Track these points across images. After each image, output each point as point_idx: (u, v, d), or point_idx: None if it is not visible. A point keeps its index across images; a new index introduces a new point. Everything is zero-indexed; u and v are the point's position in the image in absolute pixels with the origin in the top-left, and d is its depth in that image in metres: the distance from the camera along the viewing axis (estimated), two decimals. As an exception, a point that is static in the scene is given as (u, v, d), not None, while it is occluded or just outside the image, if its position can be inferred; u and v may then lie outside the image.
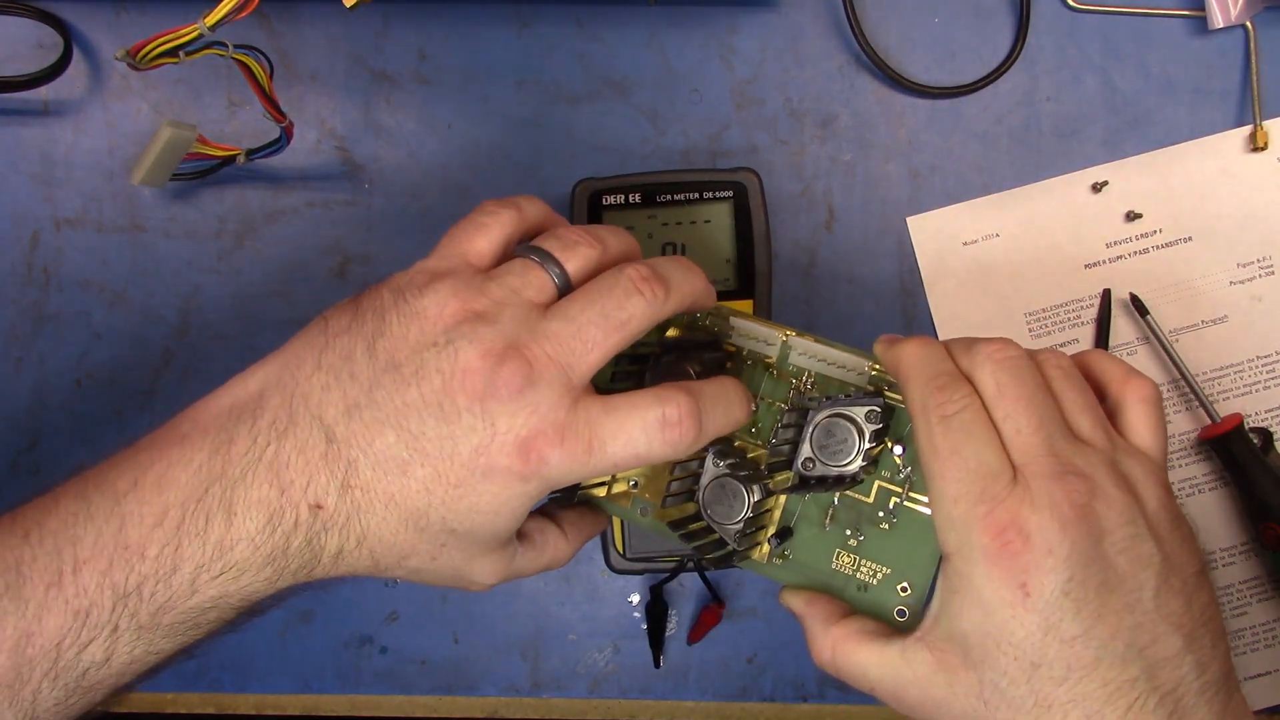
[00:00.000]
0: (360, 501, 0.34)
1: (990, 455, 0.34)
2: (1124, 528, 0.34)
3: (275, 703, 0.56)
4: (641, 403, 0.34)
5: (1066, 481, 0.34)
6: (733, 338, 0.42)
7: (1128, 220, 0.55)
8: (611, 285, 0.35)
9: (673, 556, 0.51)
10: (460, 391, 0.33)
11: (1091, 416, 0.36)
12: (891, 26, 0.55)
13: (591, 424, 0.33)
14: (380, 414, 0.33)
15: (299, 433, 0.34)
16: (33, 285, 0.55)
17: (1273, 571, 0.54)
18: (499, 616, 0.56)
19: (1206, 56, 0.55)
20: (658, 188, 0.50)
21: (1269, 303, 0.55)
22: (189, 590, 0.34)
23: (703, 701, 0.56)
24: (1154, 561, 0.34)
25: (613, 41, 0.55)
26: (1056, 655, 0.33)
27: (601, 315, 0.34)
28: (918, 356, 0.37)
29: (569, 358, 0.34)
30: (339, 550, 0.35)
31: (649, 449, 0.34)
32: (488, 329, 0.34)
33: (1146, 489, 0.35)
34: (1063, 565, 0.33)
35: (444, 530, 0.35)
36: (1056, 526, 0.33)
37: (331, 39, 0.55)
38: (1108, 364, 0.39)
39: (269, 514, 0.33)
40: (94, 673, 0.34)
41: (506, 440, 0.33)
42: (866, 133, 0.55)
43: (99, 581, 0.33)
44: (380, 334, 0.34)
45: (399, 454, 0.33)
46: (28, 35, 0.54)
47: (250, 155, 0.52)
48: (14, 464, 0.55)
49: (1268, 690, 0.54)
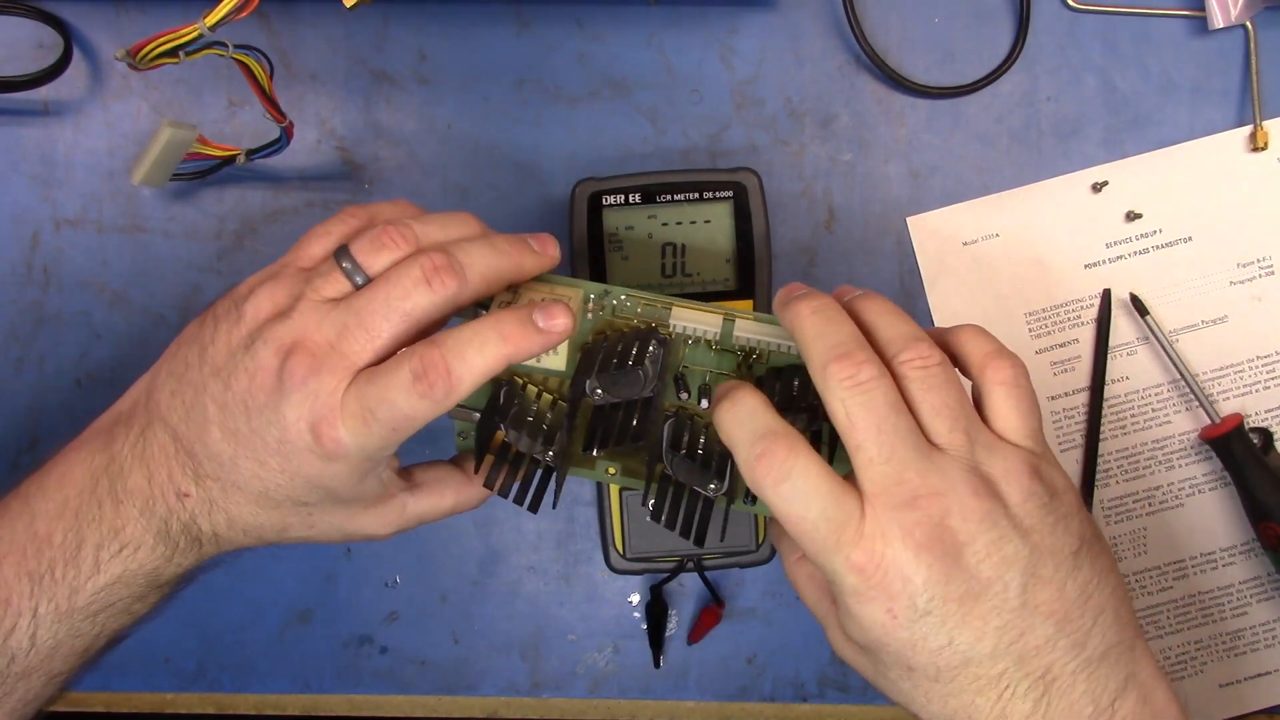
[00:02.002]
0: (214, 491, 0.38)
1: (832, 509, 0.35)
2: (984, 535, 0.35)
3: (275, 703, 0.56)
4: (394, 366, 0.36)
5: (917, 506, 0.34)
6: (672, 326, 0.42)
7: (1128, 220, 0.55)
8: (400, 276, 0.37)
9: (673, 556, 0.51)
10: (259, 389, 0.36)
11: (949, 419, 0.36)
12: (891, 26, 0.55)
13: (362, 398, 0.36)
14: (207, 414, 0.37)
15: (156, 433, 0.39)
16: (33, 285, 0.55)
17: (1273, 571, 0.54)
18: (499, 616, 0.56)
19: (1206, 56, 0.55)
20: (658, 188, 0.50)
21: (1269, 303, 0.55)
22: (93, 567, 0.38)
23: (703, 701, 0.56)
24: (1019, 558, 0.35)
25: (613, 41, 0.55)
26: (928, 661, 0.35)
27: (385, 304, 0.36)
28: (733, 424, 0.37)
29: (350, 345, 0.36)
30: (214, 532, 0.39)
31: (410, 406, 0.35)
32: (282, 326, 0.37)
33: (1008, 484, 0.36)
34: (920, 589, 0.34)
35: (297, 504, 0.38)
36: (910, 554, 0.34)
37: (331, 39, 0.55)
38: (971, 345, 0.38)
39: (144, 500, 0.38)
40: (22, 658, 0.38)
41: (299, 428, 0.36)
42: (866, 133, 0.55)
43: (15, 570, 0.38)
44: (211, 340, 0.38)
45: (225, 450, 0.37)
46: (28, 35, 0.54)
47: (250, 155, 0.52)
48: (14, 464, 0.55)
49: (1268, 690, 0.54)
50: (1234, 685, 0.54)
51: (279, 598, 0.56)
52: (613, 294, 0.42)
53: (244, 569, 0.55)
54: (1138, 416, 0.55)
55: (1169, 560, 0.55)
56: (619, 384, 0.40)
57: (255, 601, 0.56)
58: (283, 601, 0.56)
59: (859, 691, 0.56)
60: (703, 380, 0.42)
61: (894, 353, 0.37)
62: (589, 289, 0.42)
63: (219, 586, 0.55)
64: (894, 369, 0.37)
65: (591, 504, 0.55)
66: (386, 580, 0.56)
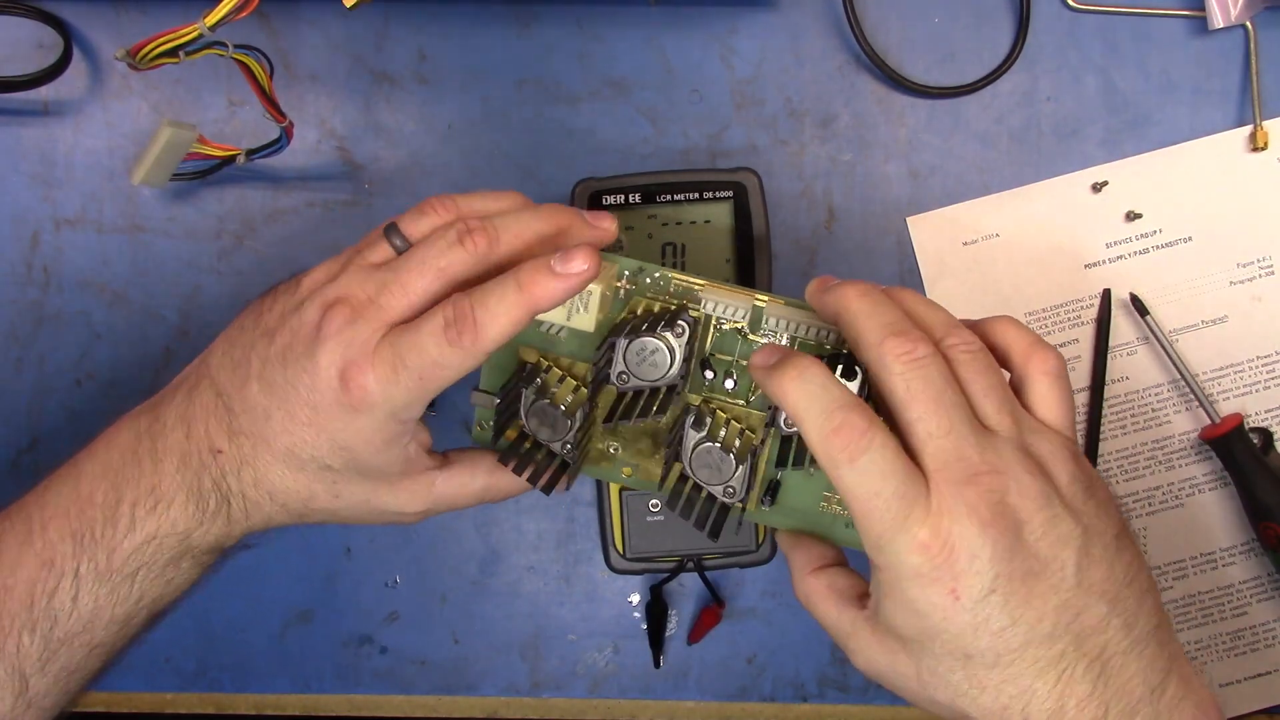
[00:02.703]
0: (245, 448, 0.39)
1: (907, 485, 0.35)
2: (1041, 513, 0.35)
3: (275, 703, 0.56)
4: (428, 316, 0.37)
5: (979, 483, 0.35)
6: (703, 306, 0.42)
7: (1128, 220, 0.55)
8: (436, 239, 0.39)
9: (673, 556, 0.51)
10: (300, 340, 0.38)
11: (997, 400, 0.37)
12: (891, 26, 0.55)
13: (395, 346, 0.37)
14: (250, 370, 0.39)
15: (202, 393, 0.40)
16: (33, 285, 0.55)
17: (1273, 571, 0.54)
18: (499, 616, 0.56)
19: (1206, 56, 0.55)
20: (658, 188, 0.50)
21: (1269, 303, 0.55)
22: (129, 524, 0.39)
23: (703, 701, 0.56)
24: (1073, 538, 0.35)
25: (613, 41, 0.55)
26: (988, 646, 0.35)
27: (420, 263, 0.38)
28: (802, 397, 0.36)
29: (388, 299, 0.38)
30: (242, 492, 0.40)
31: (439, 352, 0.36)
32: (329, 287, 0.39)
33: (1057, 465, 0.36)
34: (987, 566, 0.34)
35: (321, 467, 0.39)
36: (976, 530, 0.34)
37: (331, 39, 0.55)
38: (1012, 335, 0.39)
39: (180, 455, 0.40)
40: (65, 621, 0.39)
41: (329, 374, 0.37)
42: (866, 133, 0.55)
43: (60, 532, 0.39)
44: (269, 309, 0.40)
45: (261, 402, 0.39)
46: (28, 35, 0.54)
47: (250, 155, 0.52)
48: (14, 464, 0.55)
49: (1268, 690, 0.54)
50: (1234, 685, 0.54)
51: (279, 598, 0.56)
52: (647, 270, 0.42)
53: (244, 569, 0.56)
54: (1138, 416, 0.55)
55: (1169, 560, 0.55)
56: (644, 363, 0.40)
57: (255, 601, 0.56)
58: (283, 601, 0.56)
59: (859, 691, 0.56)
60: (727, 368, 0.42)
61: (939, 337, 0.38)
62: (624, 265, 0.42)
63: (219, 586, 0.55)
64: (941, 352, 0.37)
65: (591, 504, 0.55)
66: (386, 580, 0.56)
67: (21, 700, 0.39)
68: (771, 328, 0.42)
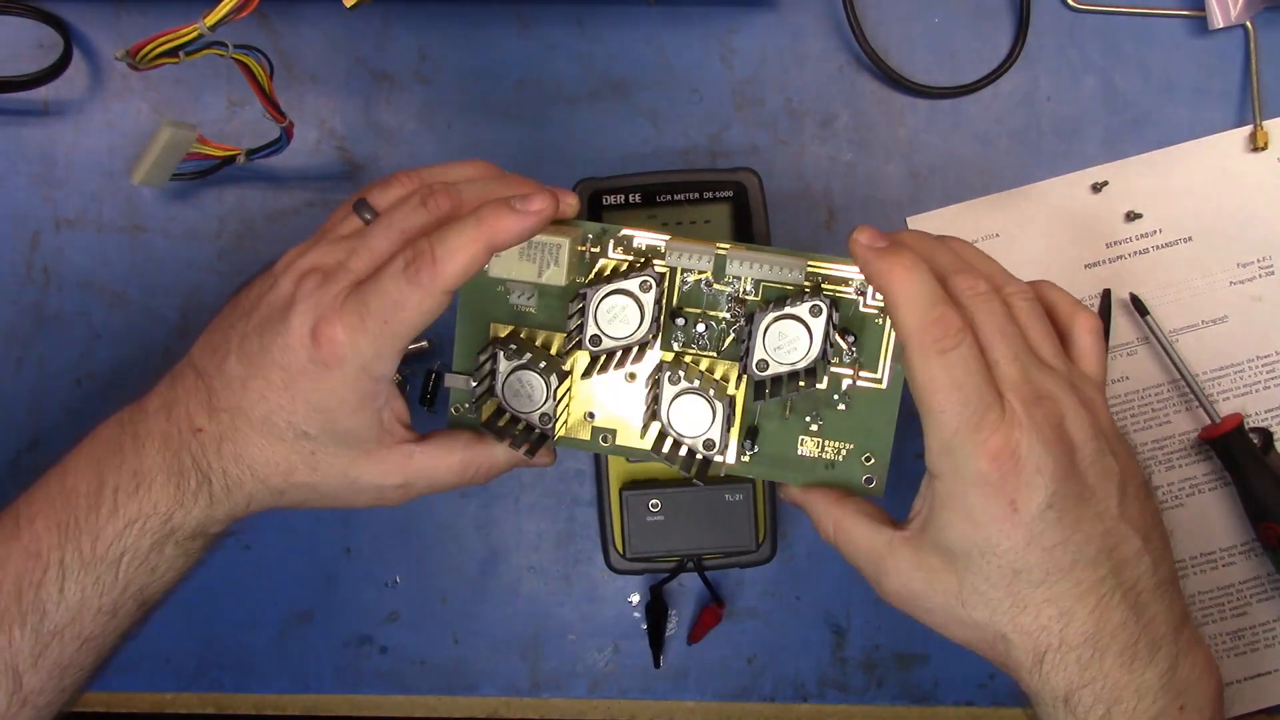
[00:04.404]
0: (225, 422, 0.40)
1: (986, 389, 0.36)
2: (1090, 443, 0.37)
3: (275, 703, 0.56)
4: (388, 262, 0.38)
5: (1043, 404, 0.37)
6: (667, 259, 0.43)
7: (1128, 220, 0.55)
8: (401, 205, 0.40)
9: (673, 556, 0.51)
10: (275, 310, 0.39)
11: (1051, 344, 0.39)
12: (891, 26, 0.55)
13: (363, 298, 0.38)
14: (229, 347, 0.40)
15: (184, 378, 0.41)
16: (33, 285, 0.55)
17: (1273, 571, 0.54)
18: (499, 616, 0.56)
19: (1206, 56, 0.55)
20: (658, 188, 0.50)
21: (1269, 303, 0.55)
22: (111, 509, 0.40)
23: (703, 701, 0.56)
24: (1114, 473, 0.38)
25: (613, 41, 0.55)
26: (1037, 562, 0.37)
27: (385, 226, 0.39)
28: (910, 284, 0.37)
29: (354, 262, 0.39)
30: (223, 469, 0.40)
31: (400, 292, 0.37)
32: (303, 260, 0.40)
33: (1098, 408, 0.39)
34: (1049, 481, 0.36)
35: (298, 435, 0.40)
36: (1042, 447, 0.36)
37: (331, 39, 0.55)
38: (1057, 294, 0.42)
39: (161, 437, 0.40)
40: (54, 613, 0.39)
41: (302, 333, 0.38)
42: (866, 133, 0.55)
43: (46, 523, 0.40)
44: (248, 294, 0.42)
45: (238, 372, 0.40)
46: (28, 35, 0.54)
47: (250, 155, 0.52)
48: (14, 464, 0.55)
49: (1268, 690, 0.54)
50: (1234, 685, 0.54)
51: (279, 598, 0.56)
52: (610, 232, 0.43)
53: (244, 569, 0.56)
54: (1138, 416, 0.55)
55: (1169, 560, 0.55)
56: (615, 320, 0.41)
57: (255, 601, 0.56)
58: (283, 601, 0.56)
59: (859, 691, 0.56)
60: (696, 319, 0.43)
61: (998, 284, 0.39)
62: (588, 228, 0.43)
63: (219, 586, 0.55)
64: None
65: (591, 504, 0.55)
66: (386, 580, 0.56)
67: (16, 698, 0.39)
68: (736, 272, 0.42)
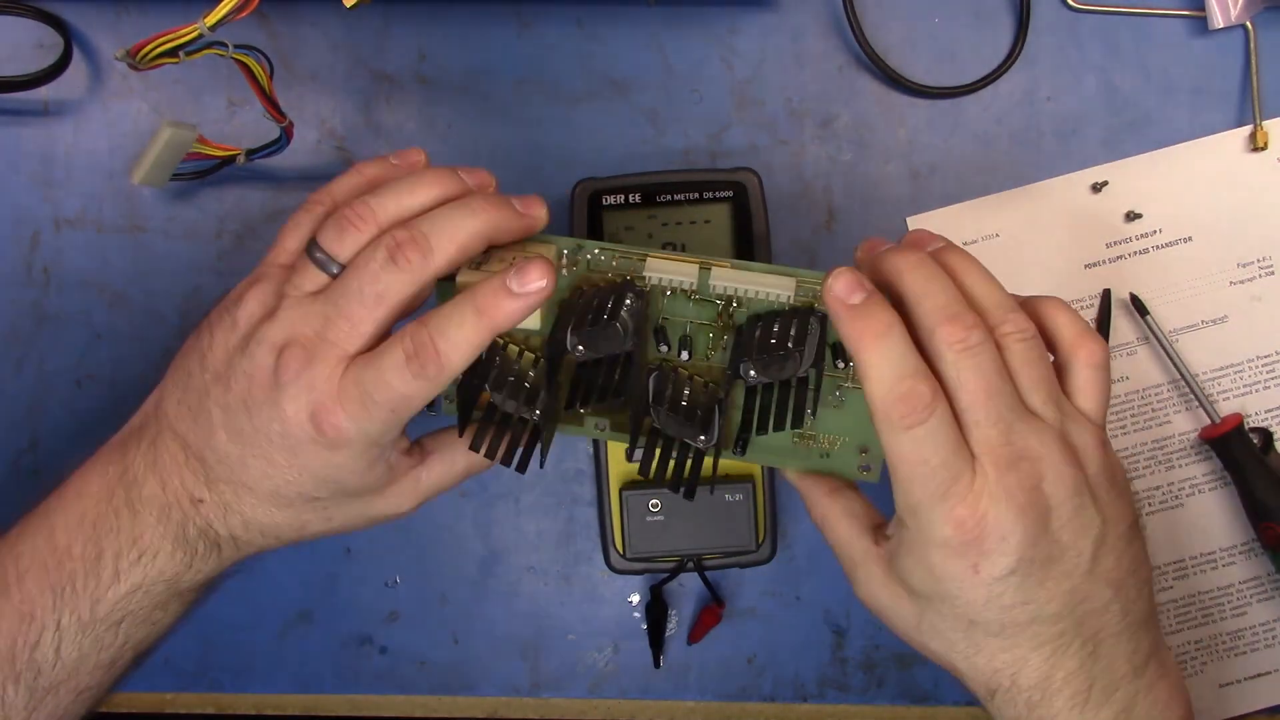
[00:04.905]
0: (227, 495, 0.39)
1: (955, 458, 0.35)
2: (1069, 501, 0.36)
3: (275, 703, 0.56)
4: (387, 349, 0.36)
5: (1020, 468, 0.36)
6: (647, 279, 0.41)
7: (1128, 220, 0.55)
8: (367, 261, 0.37)
9: (673, 556, 0.51)
10: (258, 388, 0.37)
11: (1045, 389, 0.38)
12: (891, 26, 0.55)
13: (359, 383, 0.36)
14: (212, 420, 0.38)
15: (165, 443, 0.39)
16: (33, 285, 0.55)
17: (1273, 571, 0.54)
18: (499, 616, 0.56)
19: (1206, 56, 0.55)
20: (658, 188, 0.50)
21: (1269, 303, 0.55)
22: (113, 576, 0.39)
23: (703, 701, 0.56)
24: (1094, 527, 0.37)
25: (613, 41, 0.55)
26: (994, 618, 0.37)
27: (358, 293, 0.37)
28: (878, 354, 0.36)
29: (336, 335, 0.37)
30: (231, 535, 0.40)
31: (406, 386, 0.36)
32: (272, 327, 0.37)
33: (1089, 455, 0.37)
34: (1014, 549, 0.36)
35: (308, 500, 0.39)
36: (1012, 515, 0.35)
37: (331, 39, 0.55)
38: (1061, 320, 0.40)
39: (160, 507, 0.39)
40: (49, 671, 0.39)
41: (300, 419, 0.37)
42: (866, 133, 0.55)
43: (38, 584, 0.39)
44: (210, 348, 0.39)
45: (234, 451, 0.38)
46: (28, 35, 0.54)
47: (250, 155, 0.52)
48: (14, 464, 0.55)
49: (1268, 690, 0.54)
50: (1234, 685, 0.54)
51: (279, 598, 0.56)
52: (586, 248, 0.42)
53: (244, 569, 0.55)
54: (1137, 416, 0.55)
55: (1169, 560, 0.55)
56: (598, 339, 0.39)
57: (255, 601, 0.56)
58: (283, 601, 0.56)
59: (859, 691, 0.56)
60: (683, 331, 0.42)
61: (995, 322, 0.38)
62: (561, 244, 0.42)
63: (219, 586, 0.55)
64: (994, 336, 0.37)
65: (591, 504, 0.55)
66: (386, 580, 0.56)
67: None
68: (719, 292, 0.41)
